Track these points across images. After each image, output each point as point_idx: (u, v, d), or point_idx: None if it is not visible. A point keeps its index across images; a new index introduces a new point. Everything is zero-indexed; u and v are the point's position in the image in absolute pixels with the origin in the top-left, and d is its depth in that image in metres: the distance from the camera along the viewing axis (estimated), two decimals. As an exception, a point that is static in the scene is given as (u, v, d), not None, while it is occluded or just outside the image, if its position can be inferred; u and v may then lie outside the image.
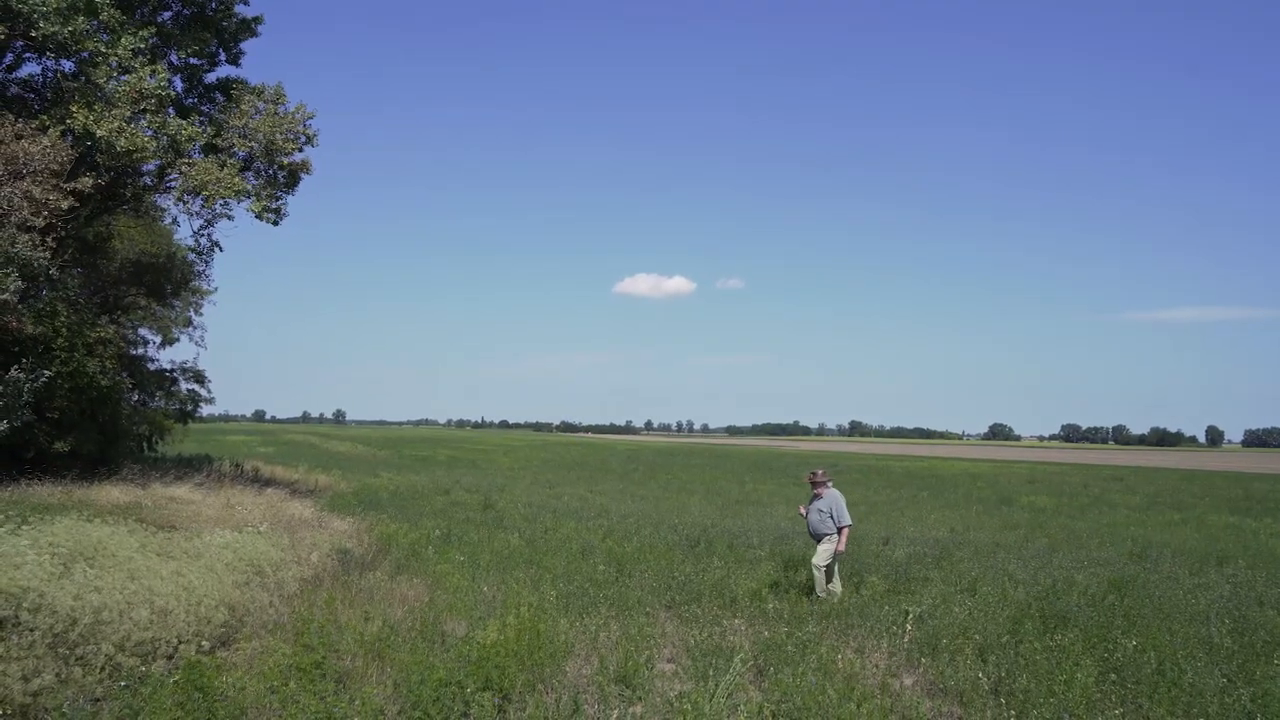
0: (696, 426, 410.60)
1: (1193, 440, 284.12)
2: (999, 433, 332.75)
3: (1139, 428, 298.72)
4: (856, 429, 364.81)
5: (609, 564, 11.41)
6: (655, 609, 8.86)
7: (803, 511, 10.32)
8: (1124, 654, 6.66)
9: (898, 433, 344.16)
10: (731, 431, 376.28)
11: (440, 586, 8.84)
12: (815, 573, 9.57)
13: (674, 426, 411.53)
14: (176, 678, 4.45)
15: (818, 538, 9.73)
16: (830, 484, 9.99)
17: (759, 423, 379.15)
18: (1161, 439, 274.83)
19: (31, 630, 4.43)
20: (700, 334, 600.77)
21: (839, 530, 9.61)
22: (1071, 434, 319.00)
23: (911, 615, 7.64)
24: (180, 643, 5.03)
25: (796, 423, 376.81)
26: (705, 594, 9.27)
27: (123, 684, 4.49)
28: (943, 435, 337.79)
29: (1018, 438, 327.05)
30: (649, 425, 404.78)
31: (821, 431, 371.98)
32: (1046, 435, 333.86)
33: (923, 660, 6.72)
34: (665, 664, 6.74)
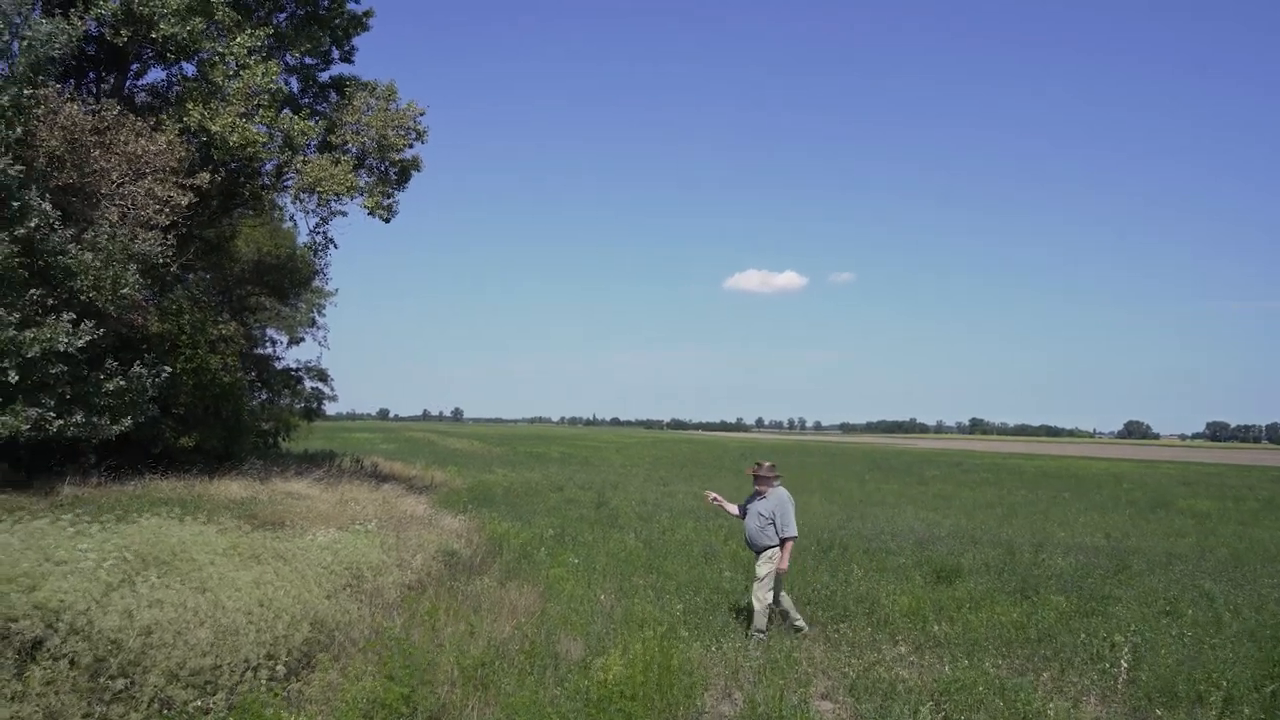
0: (808, 424, 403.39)
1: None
2: (1135, 430, 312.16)
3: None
4: (977, 426, 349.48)
5: (736, 570, 10.34)
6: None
7: (712, 498, 8.41)
8: None
9: (1022, 430, 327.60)
10: (845, 429, 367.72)
11: (553, 595, 7.97)
12: (756, 604, 7.41)
13: (785, 424, 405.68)
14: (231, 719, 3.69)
15: (756, 550, 7.70)
16: (778, 481, 7.94)
17: (873, 420, 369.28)
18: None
19: (56, 658, 3.71)
20: (811, 329, 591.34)
21: (781, 544, 7.55)
22: (1219, 432, 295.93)
23: (1126, 648, 6.17)
24: (249, 668, 4.27)
25: (913, 420, 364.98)
26: (852, 610, 8.05)
27: (170, 726, 3.74)
28: (1072, 433, 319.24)
29: (1156, 436, 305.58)
30: (759, 422, 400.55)
31: (939, 429, 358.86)
32: (1189, 434, 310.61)
33: (1157, 713, 5.30)
34: (821, 702, 5.60)
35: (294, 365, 30.44)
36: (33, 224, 12.32)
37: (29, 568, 4.09)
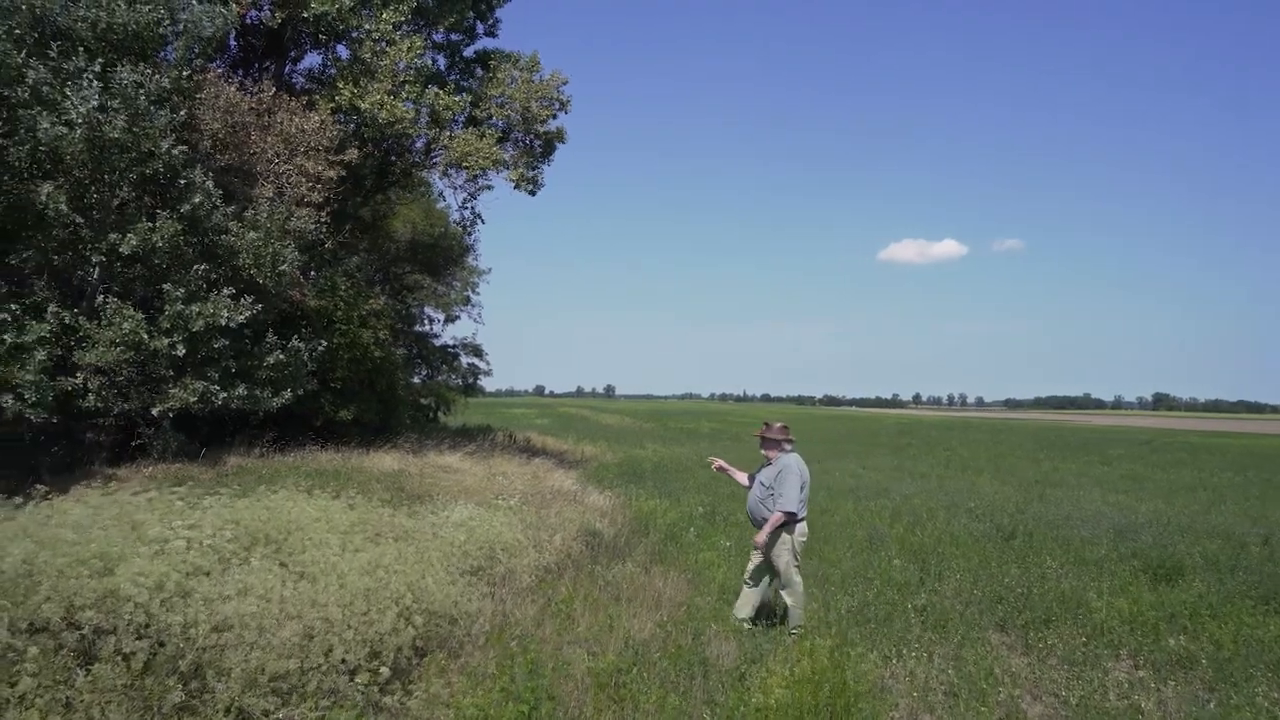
0: (970, 400, 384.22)
1: None
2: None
3: None
4: (1162, 402, 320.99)
5: (906, 559, 9.21)
6: (983, 629, 6.58)
7: (717, 466, 7.53)
8: None
9: (1216, 406, 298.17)
10: (1010, 405, 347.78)
11: (702, 583, 7.19)
12: (789, 598, 6.24)
13: (944, 400, 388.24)
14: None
15: (757, 523, 6.63)
16: (791, 446, 6.76)
17: (1042, 395, 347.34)
18: None
19: (111, 660, 3.23)
20: (972, 301, 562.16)
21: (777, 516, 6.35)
22: None
23: None
24: (345, 671, 3.69)
25: (1088, 395, 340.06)
26: (1055, 614, 6.78)
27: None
28: (1275, 409, 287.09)
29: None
30: (917, 399, 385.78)
31: (1118, 404, 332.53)
32: None
33: None
34: (1036, 735, 4.52)
35: (450, 342, 31.25)
36: (196, 201, 12.70)
37: (101, 548, 3.69)
